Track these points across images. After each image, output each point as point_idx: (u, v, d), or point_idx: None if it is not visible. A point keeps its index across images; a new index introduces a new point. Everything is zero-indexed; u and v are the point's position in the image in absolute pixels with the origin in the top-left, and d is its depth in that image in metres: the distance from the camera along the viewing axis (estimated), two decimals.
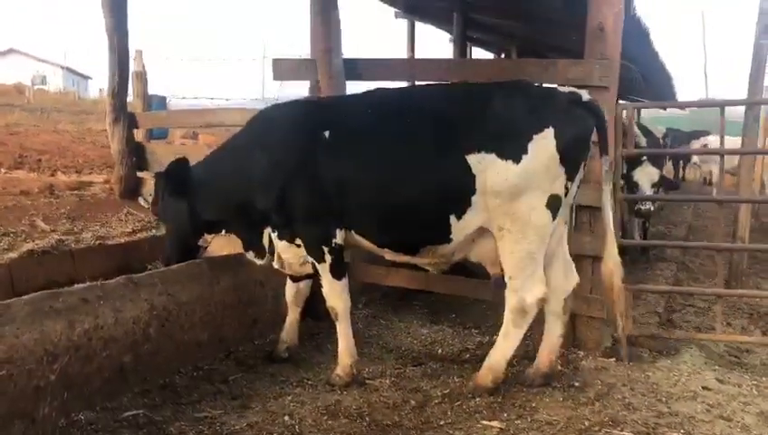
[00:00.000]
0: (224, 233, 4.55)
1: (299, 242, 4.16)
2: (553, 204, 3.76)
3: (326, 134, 3.97)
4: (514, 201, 3.70)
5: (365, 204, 3.93)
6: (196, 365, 4.27)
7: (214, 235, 4.61)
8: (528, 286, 3.83)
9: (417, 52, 12.91)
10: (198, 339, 4.34)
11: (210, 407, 3.72)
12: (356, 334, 4.91)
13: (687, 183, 19.66)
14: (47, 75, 48.36)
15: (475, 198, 3.76)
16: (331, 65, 5.01)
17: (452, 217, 3.81)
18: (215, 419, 3.59)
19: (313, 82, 5.28)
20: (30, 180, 8.33)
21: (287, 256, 4.29)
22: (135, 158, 7.13)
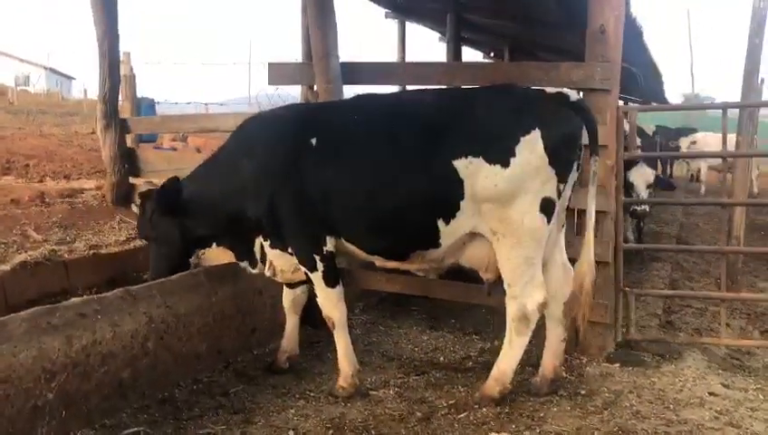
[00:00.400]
0: (214, 246, 4.47)
1: (291, 250, 4.11)
2: (547, 207, 3.70)
3: (313, 141, 3.92)
4: (506, 206, 3.65)
5: (353, 210, 3.88)
6: (196, 378, 4.19)
7: (205, 250, 4.52)
8: (528, 292, 3.78)
9: (407, 53, 12.84)
10: (197, 351, 4.27)
11: (212, 422, 3.64)
12: (355, 342, 4.86)
13: (675, 179, 19.74)
14: (30, 76, 47.81)
15: (463, 203, 3.71)
16: (329, 69, 4.94)
17: (440, 222, 3.76)
18: None
19: (306, 85, 5.23)
20: (20, 188, 8.18)
21: (279, 263, 4.24)
22: (127, 164, 7.00)
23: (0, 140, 12.70)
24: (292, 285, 4.47)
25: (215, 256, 4.57)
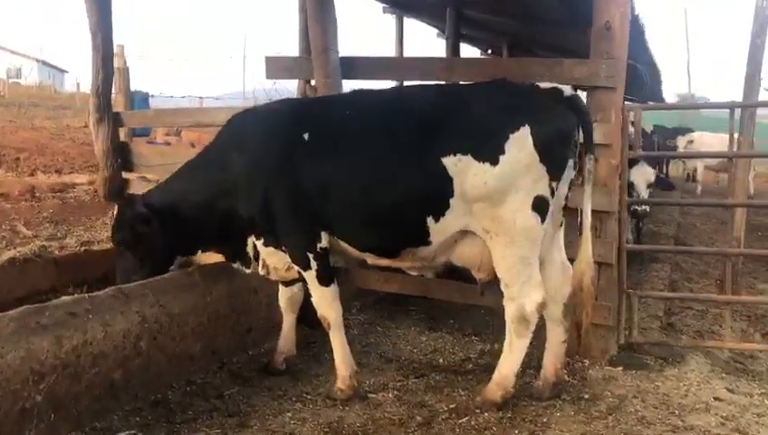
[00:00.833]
0: (199, 253, 4.33)
1: (284, 248, 4.01)
2: (540, 206, 3.61)
3: (305, 136, 3.85)
4: (498, 205, 3.58)
5: (344, 206, 3.81)
6: (189, 379, 4.09)
7: (188, 258, 4.37)
8: (526, 292, 3.70)
9: (405, 49, 12.72)
10: (191, 351, 4.16)
11: (206, 426, 3.54)
12: (353, 343, 4.77)
13: (671, 179, 19.72)
14: (22, 69, 47.38)
15: (453, 201, 3.64)
16: (328, 64, 4.84)
17: (430, 220, 3.69)
18: None
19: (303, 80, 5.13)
20: (10, 182, 8.03)
21: (272, 261, 4.15)
22: (120, 159, 6.86)
23: None
24: (288, 283, 4.38)
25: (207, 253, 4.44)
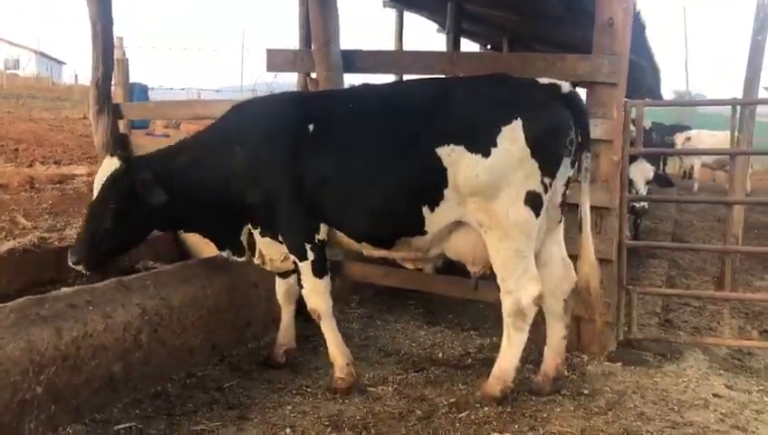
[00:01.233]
0: (182, 232, 4.32)
1: (282, 238, 4.01)
2: (533, 201, 3.61)
3: (310, 127, 3.86)
4: (491, 198, 3.59)
5: (342, 196, 3.83)
6: (189, 372, 4.09)
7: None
8: (522, 286, 3.70)
9: (405, 43, 12.68)
10: (191, 344, 4.16)
11: (206, 419, 3.53)
12: (352, 336, 4.80)
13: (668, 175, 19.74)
14: (20, 60, 47.18)
15: (447, 192, 3.66)
16: (330, 57, 4.82)
17: (425, 209, 3.71)
18: (212, 432, 3.42)
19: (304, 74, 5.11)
20: (9, 173, 8.00)
21: (269, 251, 4.14)
22: (119, 151, 6.82)
23: None
24: (284, 275, 4.38)
25: (195, 241, 4.40)
